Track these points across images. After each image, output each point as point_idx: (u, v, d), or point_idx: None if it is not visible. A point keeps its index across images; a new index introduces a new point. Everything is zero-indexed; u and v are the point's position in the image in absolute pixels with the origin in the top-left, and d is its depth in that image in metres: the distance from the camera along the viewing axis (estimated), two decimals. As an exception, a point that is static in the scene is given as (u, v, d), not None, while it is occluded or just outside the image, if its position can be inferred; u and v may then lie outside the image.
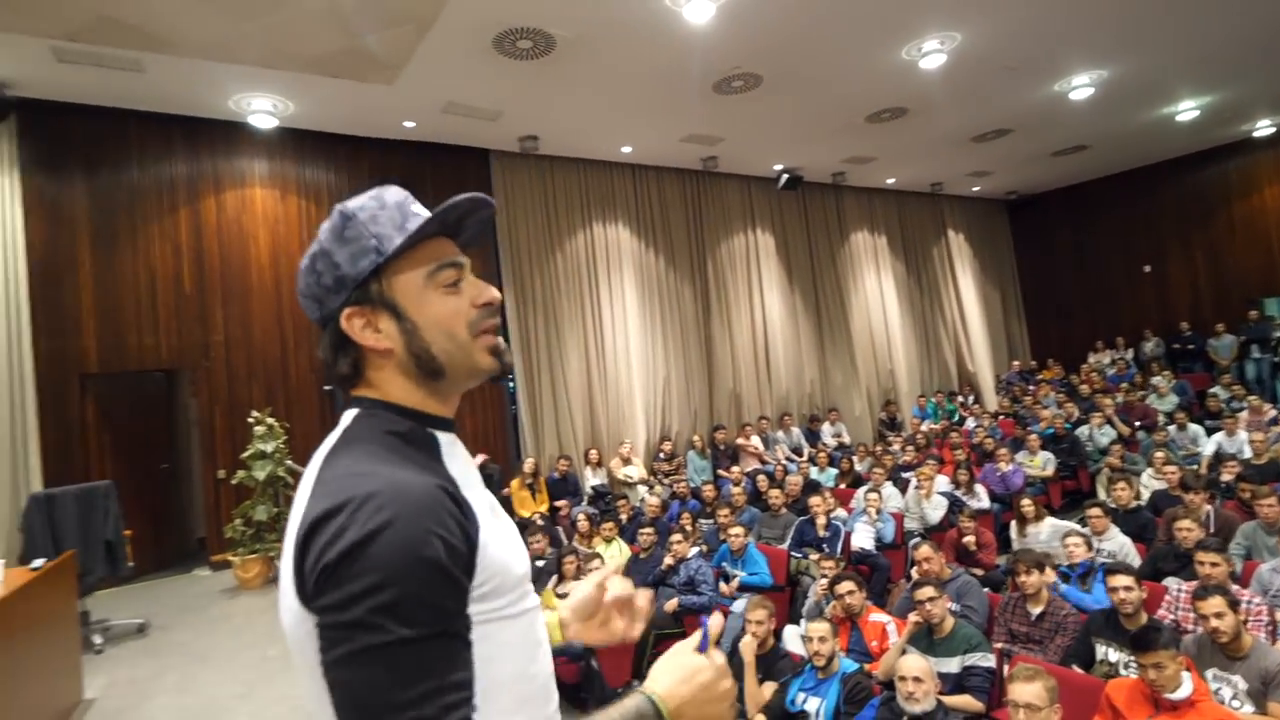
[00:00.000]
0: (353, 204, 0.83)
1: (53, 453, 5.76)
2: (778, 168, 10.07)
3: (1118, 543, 4.81)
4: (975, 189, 12.92)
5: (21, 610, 3.31)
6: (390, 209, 0.83)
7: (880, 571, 5.72)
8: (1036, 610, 3.86)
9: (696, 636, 0.82)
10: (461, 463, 0.83)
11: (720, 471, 8.83)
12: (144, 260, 6.34)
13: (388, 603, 0.62)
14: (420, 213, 0.85)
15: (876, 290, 11.78)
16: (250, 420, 6.01)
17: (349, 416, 0.83)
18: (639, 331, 9.13)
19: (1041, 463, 7.69)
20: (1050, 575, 4.21)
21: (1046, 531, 5.56)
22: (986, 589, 4.47)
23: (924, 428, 10.15)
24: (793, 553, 5.76)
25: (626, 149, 8.62)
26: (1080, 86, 7.87)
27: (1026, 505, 5.80)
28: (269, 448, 5.83)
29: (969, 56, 6.74)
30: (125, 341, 6.20)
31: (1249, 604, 3.54)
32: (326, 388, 6.99)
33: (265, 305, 6.84)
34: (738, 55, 6.28)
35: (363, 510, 0.65)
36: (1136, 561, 4.56)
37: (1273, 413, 7.93)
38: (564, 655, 4.66)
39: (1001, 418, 10.28)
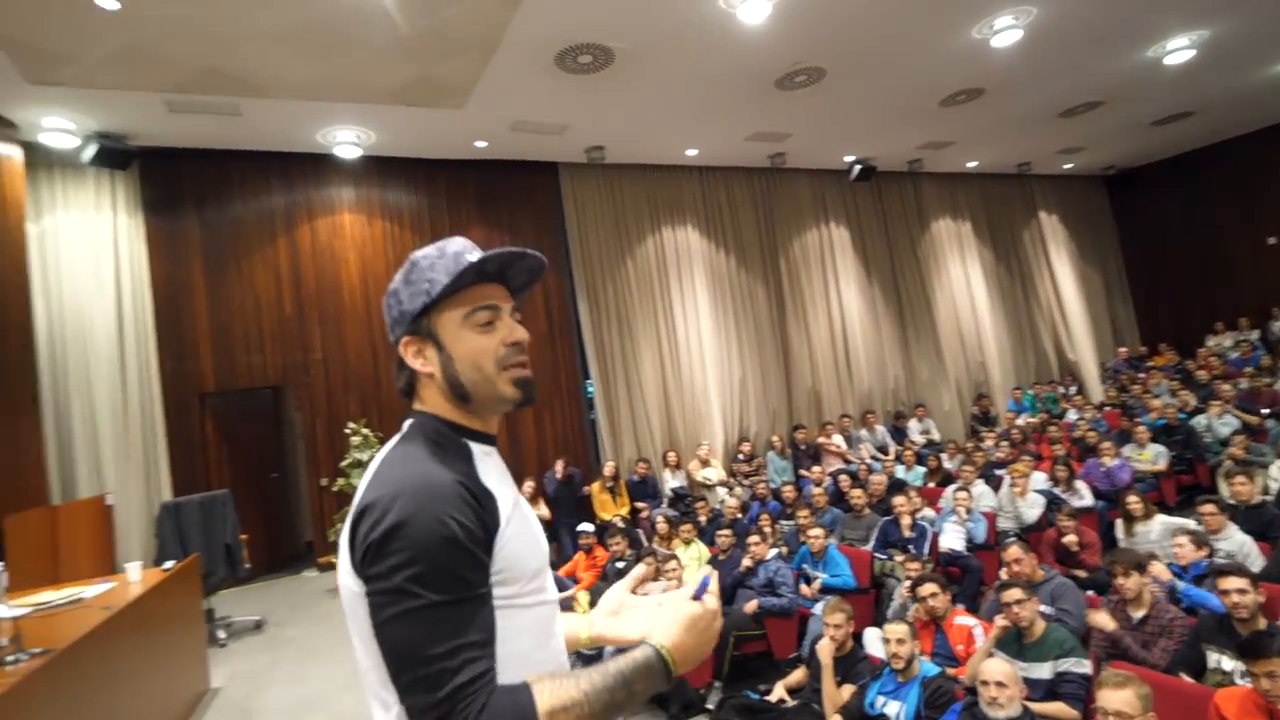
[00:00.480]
0: (420, 253, 1.00)
1: (179, 465, 6.36)
2: (849, 159, 9.83)
3: (1236, 542, 4.43)
4: (1067, 166, 12.15)
5: (157, 607, 3.69)
6: (447, 258, 0.98)
7: (972, 573, 5.50)
8: (1139, 614, 3.62)
9: (691, 588, 0.92)
10: (492, 468, 0.97)
11: (801, 472, 8.69)
12: (249, 286, 6.90)
13: (419, 574, 0.79)
14: (474, 261, 0.98)
15: (962, 279, 11.27)
16: (347, 431, 6.42)
17: (406, 424, 1.00)
18: (712, 333, 9.13)
19: (1152, 456, 7.15)
20: (1162, 572, 3.94)
21: (1157, 530, 5.19)
22: (1091, 591, 4.22)
23: (1020, 422, 9.63)
24: (877, 554, 5.61)
25: (692, 152, 8.65)
26: (1177, 50, 7.27)
27: (1134, 502, 5.43)
28: (365, 456, 6.21)
29: (1047, 29, 6.38)
30: (236, 361, 6.77)
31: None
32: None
33: (357, 323, 7.30)
34: (798, 50, 6.20)
35: (398, 501, 0.82)
36: (1259, 563, 4.19)
37: None
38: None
39: (1107, 409, 9.63)
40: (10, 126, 5.57)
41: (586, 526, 6.48)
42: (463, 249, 0.99)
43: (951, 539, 5.81)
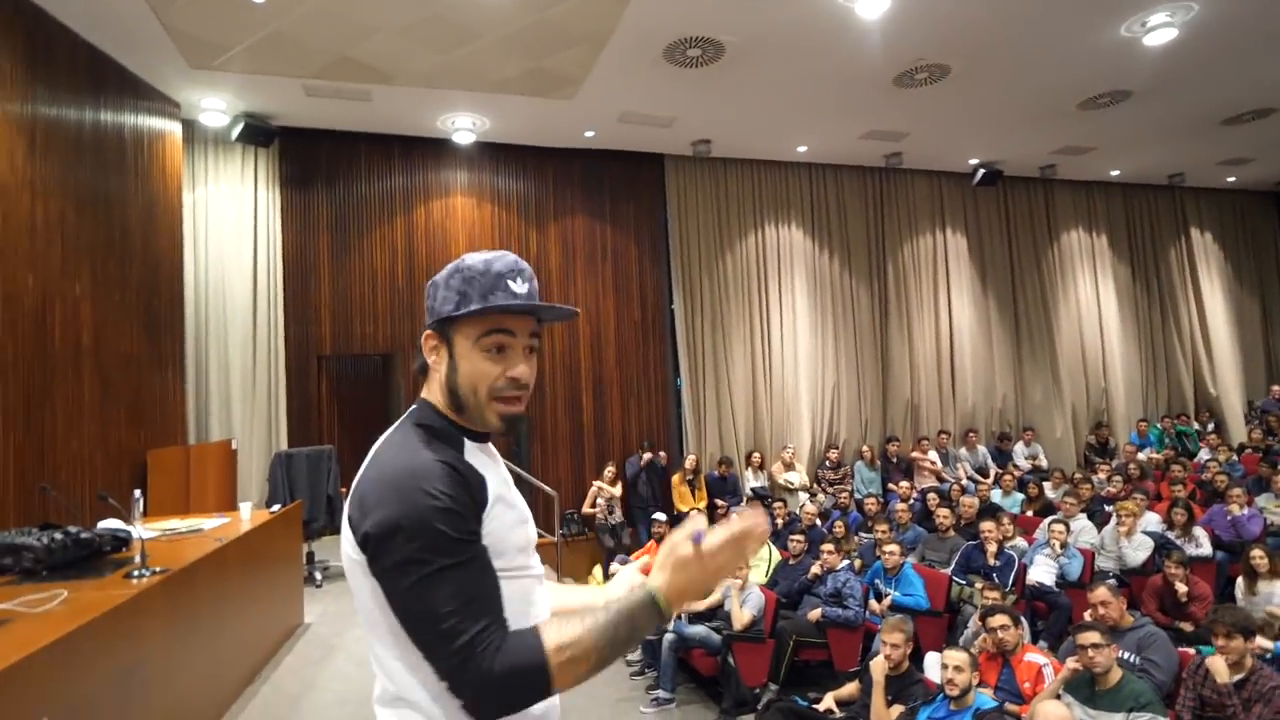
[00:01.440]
0: (471, 258, 1.03)
1: (296, 419, 6.98)
2: (973, 162, 9.29)
3: (1384, 615, 3.92)
4: (1230, 179, 10.91)
5: (262, 544, 4.10)
6: (489, 276, 1.01)
7: (1059, 611, 5.17)
8: (1236, 677, 3.29)
9: (689, 527, 0.95)
10: (482, 457, 1.04)
11: (890, 485, 8.40)
12: (368, 260, 7.43)
13: (421, 547, 0.86)
14: (510, 289, 1.02)
15: (1091, 297, 10.42)
16: (442, 402, 6.82)
17: (412, 408, 1.07)
18: (808, 335, 8.93)
19: (1292, 509, 6.39)
20: (1266, 644, 3.56)
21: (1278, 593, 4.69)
22: (1191, 648, 3.87)
23: (1141, 456, 8.83)
24: (955, 578, 5.37)
25: (802, 148, 8.47)
26: (1375, 50, 6.37)
27: (1259, 557, 4.91)
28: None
29: (1210, 26, 5.76)
30: (352, 330, 7.32)
31: None
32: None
33: (461, 301, 7.69)
34: (920, 46, 5.93)
35: (393, 494, 0.90)
36: None
37: None
38: (703, 648, 4.79)
39: (1247, 451, 8.65)
40: (174, 106, 6.27)
41: (660, 515, 6.57)
42: (507, 271, 1.02)
43: (1041, 572, 5.47)
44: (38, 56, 4.58)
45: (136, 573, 2.82)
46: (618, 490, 7.75)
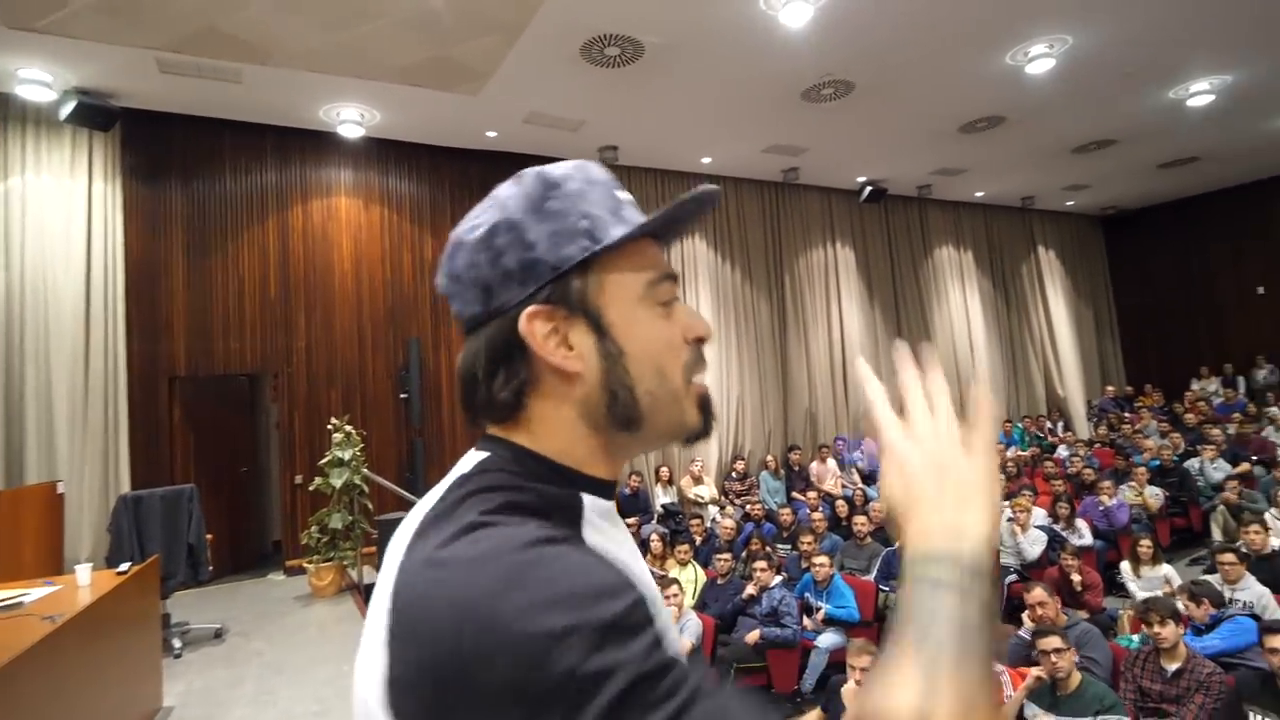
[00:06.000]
0: (553, 169, 0.62)
1: (140, 453, 5.90)
2: (861, 179, 9.70)
3: (1254, 592, 4.29)
4: (1069, 204, 12.20)
5: (109, 615, 3.29)
6: (599, 187, 0.62)
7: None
8: (1173, 666, 3.42)
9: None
10: (614, 534, 0.61)
11: (794, 494, 8.48)
12: (233, 266, 6.48)
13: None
14: (630, 200, 0.64)
15: (961, 308, 11.21)
16: (329, 427, 6.03)
17: (471, 464, 0.59)
18: (712, 346, 8.86)
19: (1150, 497, 7.08)
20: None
21: (1164, 575, 5.10)
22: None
23: (1010, 454, 9.54)
24: (880, 585, 5.39)
25: (706, 160, 8.43)
26: (1199, 94, 7.26)
27: (1145, 545, 5.31)
28: (346, 455, 5.82)
29: (1080, 61, 6.29)
30: (213, 346, 6.33)
31: None
32: (403, 395, 7.01)
33: (347, 313, 6.91)
34: (831, 62, 6.01)
35: (483, 635, 0.43)
36: (1276, 613, 4.06)
37: None
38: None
39: (1097, 446, 9.58)
40: (-18, 73, 5.14)
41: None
42: (610, 179, 0.64)
43: (955, 575, 5.62)
44: None
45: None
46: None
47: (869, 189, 9.67)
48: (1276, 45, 6.40)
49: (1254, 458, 8.02)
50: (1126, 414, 10.92)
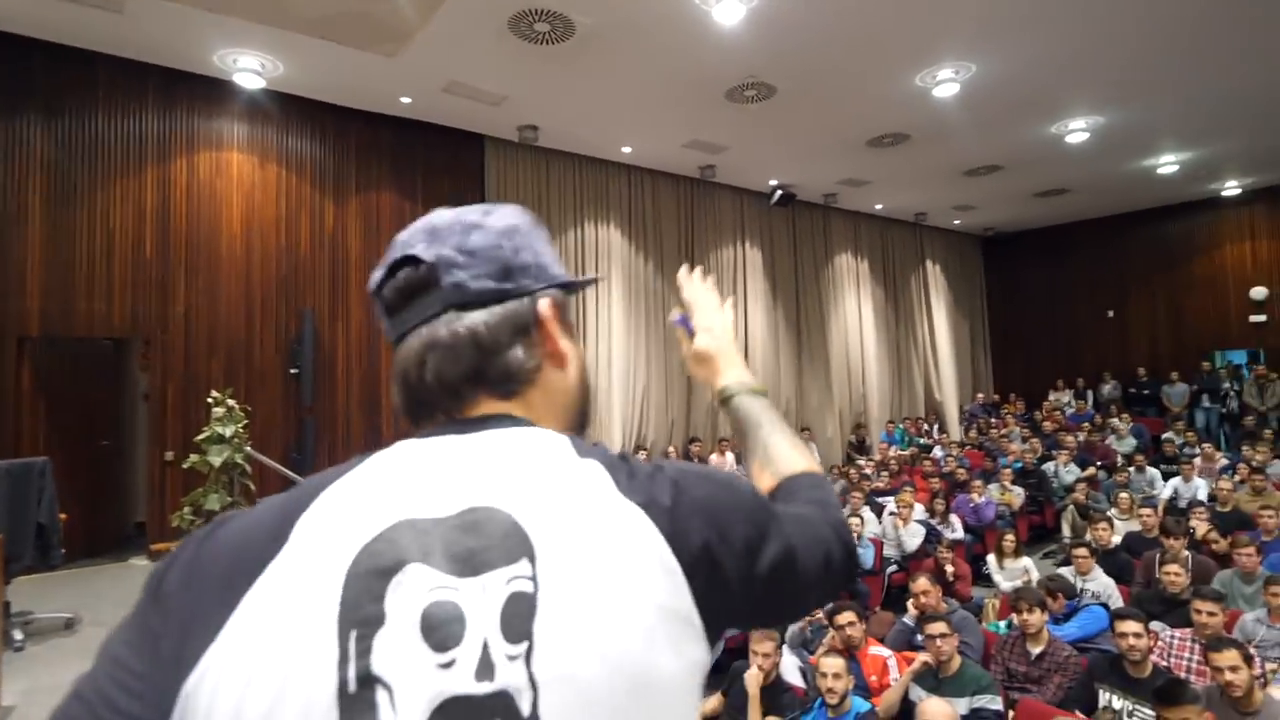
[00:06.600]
0: (519, 214, 0.71)
1: (-18, 421, 5.22)
2: (772, 183, 10.00)
3: (1101, 583, 4.79)
4: (956, 222, 13.12)
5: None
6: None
7: (858, 599, 5.62)
8: (1036, 649, 3.77)
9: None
10: None
11: (693, 485, 8.66)
12: (102, 218, 5.81)
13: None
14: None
15: (855, 313, 11.82)
16: (210, 401, 5.55)
17: (531, 436, 0.60)
18: (622, 337, 8.90)
19: (1013, 496, 7.75)
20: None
21: (1023, 567, 5.60)
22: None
23: (892, 453, 10.18)
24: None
25: (626, 149, 8.40)
26: (1076, 130, 8.00)
27: (1009, 540, 5.80)
28: (228, 431, 5.37)
29: (979, 89, 6.76)
30: (74, 305, 5.67)
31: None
32: (294, 370, 6.56)
33: (234, 277, 6.38)
34: (756, 63, 6.14)
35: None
36: (1119, 602, 4.56)
37: (1224, 461, 8.16)
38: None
39: (968, 448, 10.40)
40: None
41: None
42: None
43: (843, 564, 5.93)
44: None
45: None
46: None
47: (779, 193, 9.98)
48: (1145, 92, 7.13)
49: (1099, 463, 8.94)
50: (993, 419, 11.91)
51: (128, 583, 5.41)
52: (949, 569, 5.58)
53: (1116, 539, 5.75)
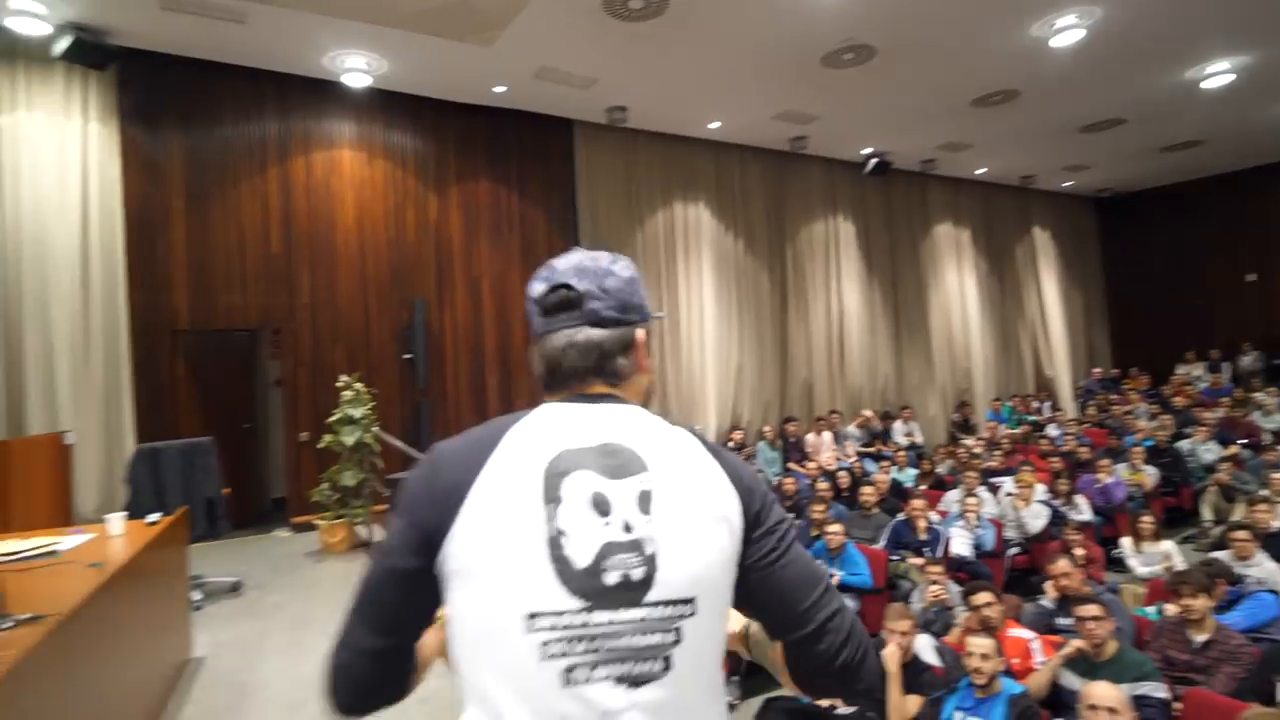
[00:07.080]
0: (604, 257, 1.00)
1: (145, 407, 5.73)
2: (866, 151, 9.63)
3: (1266, 569, 4.39)
4: (1067, 184, 12.26)
5: (145, 565, 3.19)
6: None
7: (981, 580, 5.39)
8: (1201, 637, 3.49)
9: None
10: None
11: (790, 465, 8.52)
12: (234, 218, 6.25)
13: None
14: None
15: (957, 286, 11.27)
16: (338, 385, 5.89)
17: (632, 408, 0.95)
18: (715, 316, 8.84)
19: (1145, 476, 7.22)
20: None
21: (1165, 551, 5.21)
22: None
23: (1002, 432, 9.68)
24: (891, 554, 5.45)
25: (714, 124, 8.29)
26: (1217, 74, 7.27)
27: (1146, 522, 5.42)
28: (357, 413, 5.70)
29: (1105, 35, 6.24)
30: (215, 300, 6.14)
31: None
32: (407, 356, 6.88)
33: (350, 269, 6.73)
34: (856, 23, 5.90)
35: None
36: (1288, 590, 4.16)
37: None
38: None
39: (1087, 426, 9.76)
40: (-27, 1, 4.83)
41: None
42: None
43: (959, 545, 5.68)
44: None
45: (-7, 622, 1.99)
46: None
47: (874, 161, 9.60)
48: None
49: (1241, 441, 8.21)
50: (1113, 395, 11.13)
51: (277, 552, 5.86)
52: (1078, 552, 5.25)
53: (1276, 523, 5.27)
